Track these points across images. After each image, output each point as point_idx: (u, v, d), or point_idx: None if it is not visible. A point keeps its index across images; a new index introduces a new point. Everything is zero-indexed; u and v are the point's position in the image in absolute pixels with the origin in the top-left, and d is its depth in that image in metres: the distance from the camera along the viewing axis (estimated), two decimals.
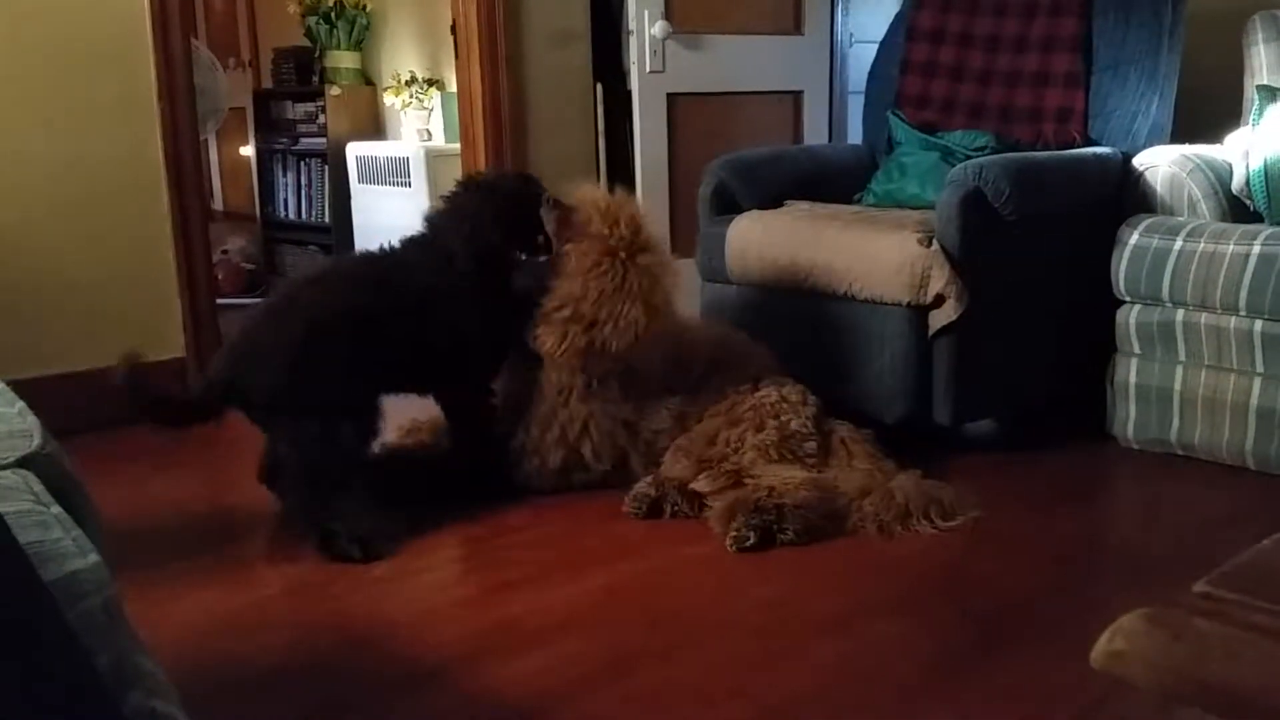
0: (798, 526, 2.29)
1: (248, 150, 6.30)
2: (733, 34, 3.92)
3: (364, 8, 5.56)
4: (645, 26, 3.68)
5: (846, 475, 2.49)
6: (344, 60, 5.60)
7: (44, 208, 3.09)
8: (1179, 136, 3.07)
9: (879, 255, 2.75)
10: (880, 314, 2.78)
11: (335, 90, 5.53)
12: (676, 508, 2.46)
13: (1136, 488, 2.77)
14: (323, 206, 5.73)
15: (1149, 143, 3.03)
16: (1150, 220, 2.80)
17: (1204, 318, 2.66)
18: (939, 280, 2.66)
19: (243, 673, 1.85)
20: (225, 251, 5.48)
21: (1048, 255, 2.88)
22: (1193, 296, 2.66)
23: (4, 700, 0.70)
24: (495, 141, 3.74)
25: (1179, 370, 2.74)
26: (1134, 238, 2.77)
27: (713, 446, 2.53)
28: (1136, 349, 2.82)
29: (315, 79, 5.72)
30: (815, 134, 4.17)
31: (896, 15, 3.65)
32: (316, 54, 5.70)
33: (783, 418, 2.55)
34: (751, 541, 2.26)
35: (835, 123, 4.30)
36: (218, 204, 6.93)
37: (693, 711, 1.71)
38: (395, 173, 5.11)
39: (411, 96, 5.25)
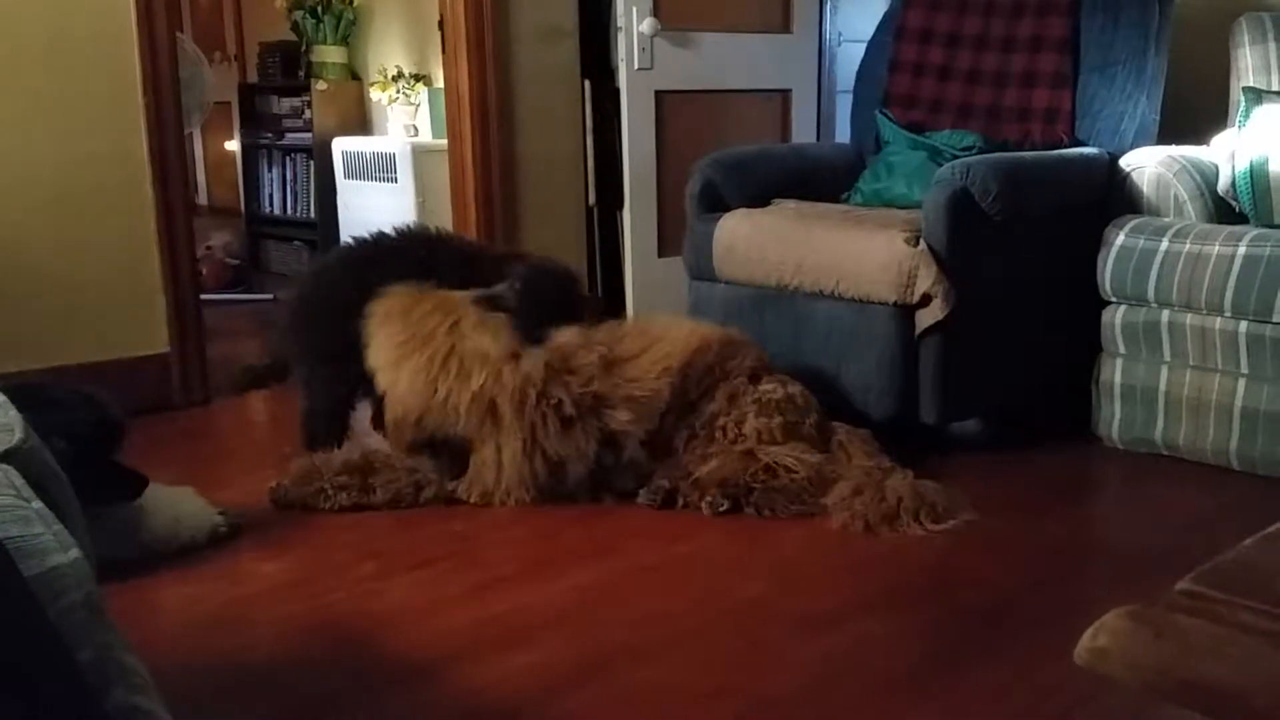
0: (764, 502, 2.41)
1: (233, 145, 6.28)
2: (721, 32, 3.92)
3: (351, 2, 5.54)
4: (634, 23, 3.68)
5: (846, 470, 2.51)
6: (330, 55, 5.58)
7: (27, 202, 3.07)
8: (1166, 137, 3.08)
9: (866, 254, 2.75)
10: (867, 313, 2.78)
11: (321, 85, 5.51)
12: (687, 499, 2.47)
13: (1121, 487, 2.78)
14: (308, 202, 5.71)
15: (1136, 143, 3.04)
16: (1136, 221, 2.81)
17: (1189, 318, 2.67)
18: (925, 280, 2.67)
19: (225, 670, 1.84)
20: (209, 247, 5.45)
21: (1034, 255, 2.89)
22: (1178, 297, 2.67)
23: None
24: (482, 138, 3.73)
25: (1164, 370, 2.75)
26: (1120, 238, 2.78)
27: (719, 439, 2.54)
28: (1122, 349, 2.83)
29: (301, 74, 5.70)
30: (803, 133, 4.17)
31: (885, 15, 3.65)
32: (303, 48, 5.68)
33: (788, 416, 2.55)
34: (725, 507, 2.42)
35: (823, 122, 4.30)
36: (202, 199, 6.90)
37: (678, 710, 1.71)
38: (381, 168, 5.09)
39: (398, 92, 5.24)
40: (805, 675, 1.79)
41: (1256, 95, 2.91)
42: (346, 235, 5.13)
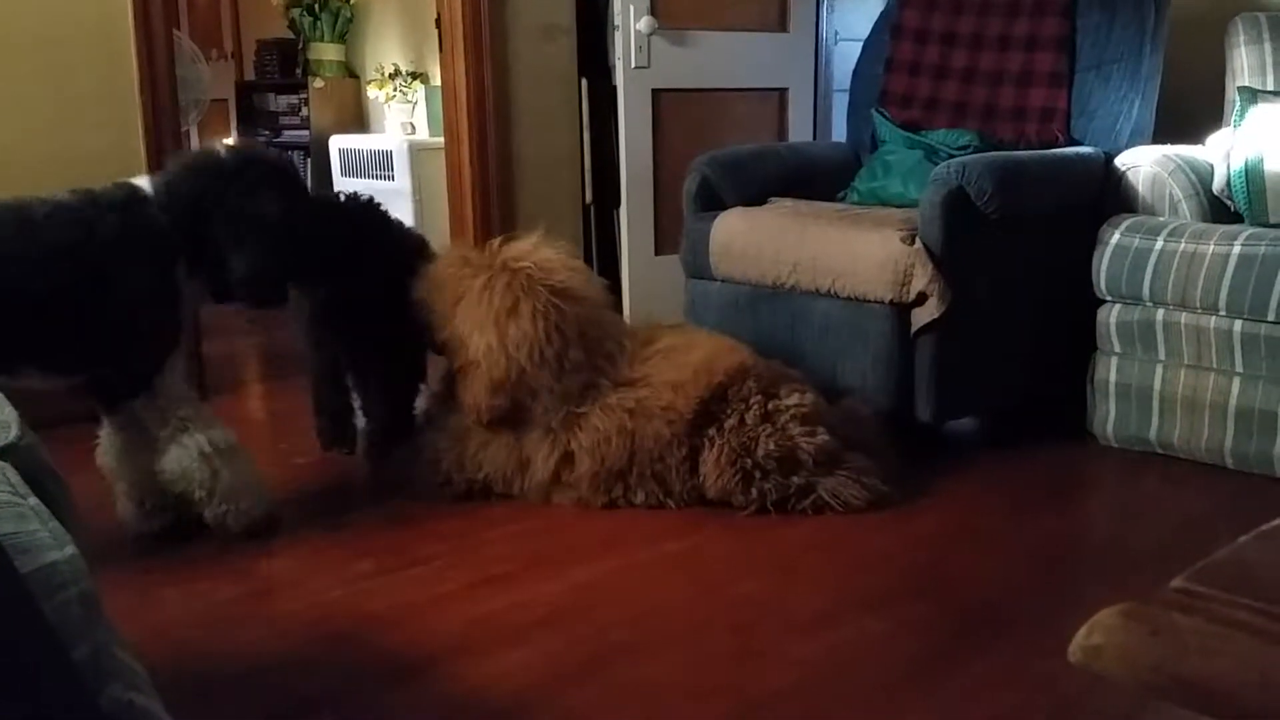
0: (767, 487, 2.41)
1: (230, 142, 6.27)
2: (718, 30, 3.92)
3: (348, 0, 5.54)
4: (631, 22, 3.68)
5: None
6: (327, 52, 5.58)
7: None
8: (1161, 137, 3.09)
9: (862, 253, 2.76)
10: (863, 312, 2.78)
11: (318, 83, 5.51)
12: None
13: (1116, 486, 2.79)
14: None
15: (1131, 143, 3.04)
16: (1131, 220, 2.81)
17: (1184, 317, 2.68)
18: (921, 278, 2.67)
19: (222, 667, 1.85)
20: None
21: (1029, 254, 2.90)
22: (1173, 296, 2.67)
23: None
24: (479, 136, 3.73)
25: (1159, 369, 2.76)
26: (1115, 237, 2.78)
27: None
28: (1117, 348, 2.83)
29: (298, 71, 5.70)
30: (800, 131, 4.18)
31: (881, 14, 3.66)
32: (300, 46, 5.68)
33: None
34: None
35: (820, 120, 4.30)
36: None
37: (674, 707, 1.71)
38: (379, 166, 5.10)
39: (395, 89, 5.24)
40: (801, 673, 1.80)
41: (1252, 95, 2.91)
42: None
